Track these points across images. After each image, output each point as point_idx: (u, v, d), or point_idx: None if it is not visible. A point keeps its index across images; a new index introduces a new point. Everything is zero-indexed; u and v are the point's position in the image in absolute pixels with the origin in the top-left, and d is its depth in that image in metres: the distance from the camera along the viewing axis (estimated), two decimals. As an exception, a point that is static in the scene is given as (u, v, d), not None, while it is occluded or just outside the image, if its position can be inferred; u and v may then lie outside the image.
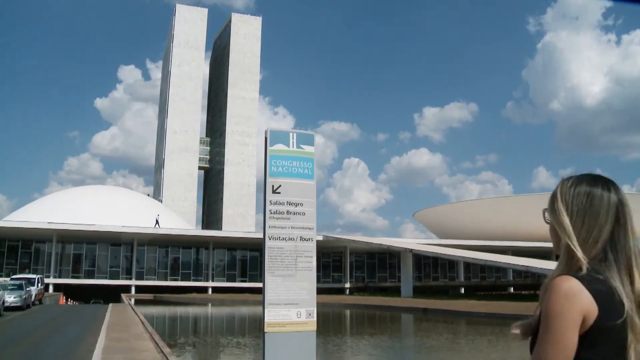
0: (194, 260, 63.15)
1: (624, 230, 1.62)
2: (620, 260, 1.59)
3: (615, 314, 1.52)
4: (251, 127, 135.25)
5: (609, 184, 1.70)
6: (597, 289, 1.54)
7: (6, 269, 54.56)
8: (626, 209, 1.65)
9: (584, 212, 1.64)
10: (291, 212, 5.00)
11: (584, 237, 1.63)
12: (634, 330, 1.53)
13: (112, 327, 18.32)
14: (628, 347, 1.52)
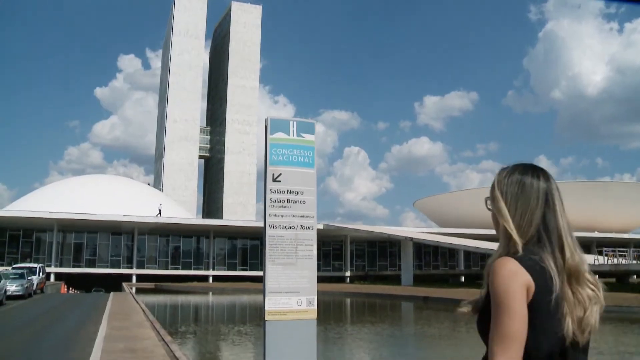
0: (194, 249, 63.31)
1: (554, 213, 1.80)
2: (553, 240, 1.76)
3: (549, 288, 1.68)
4: (251, 115, 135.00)
5: (539, 172, 1.86)
6: (532, 267, 1.70)
7: (8, 258, 54.72)
8: (555, 194, 1.82)
9: (517, 199, 1.82)
10: (292, 200, 4.99)
11: (518, 222, 1.79)
12: (568, 301, 1.70)
13: (114, 316, 18.38)
14: (565, 317, 1.69)
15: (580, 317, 1.72)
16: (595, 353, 13.34)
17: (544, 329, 1.68)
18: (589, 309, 1.73)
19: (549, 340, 1.69)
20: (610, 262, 37.41)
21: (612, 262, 37.28)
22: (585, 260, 1.80)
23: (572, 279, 1.74)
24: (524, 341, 1.65)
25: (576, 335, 1.70)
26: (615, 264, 36.93)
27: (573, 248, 1.77)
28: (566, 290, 1.72)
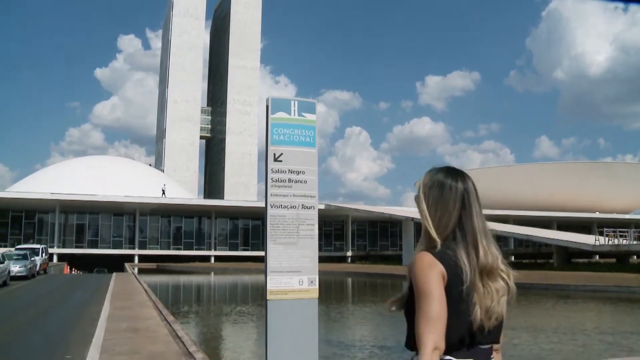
0: (196, 229, 63.48)
1: (469, 214, 1.98)
2: (467, 239, 1.96)
3: (460, 280, 1.89)
4: (252, 96, 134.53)
5: (458, 175, 2.05)
6: (446, 260, 1.90)
7: (10, 239, 54.93)
8: (471, 197, 2.01)
9: (437, 201, 2.01)
10: (293, 180, 4.98)
11: (437, 222, 1.99)
12: (478, 293, 1.90)
13: (116, 296, 18.49)
14: (474, 306, 1.89)
15: (489, 307, 1.91)
16: (598, 333, 13.43)
17: (454, 315, 1.86)
18: (496, 300, 1.93)
19: (459, 325, 1.88)
20: (611, 242, 37.45)
21: (613, 243, 37.32)
22: (499, 255, 2.00)
23: (484, 274, 1.94)
24: (446, 320, 1.84)
25: (483, 322, 1.90)
26: (616, 244, 36.99)
27: (487, 247, 1.96)
28: (477, 283, 1.92)
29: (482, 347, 1.95)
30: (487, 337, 1.96)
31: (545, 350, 10.55)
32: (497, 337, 2.01)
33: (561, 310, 18.45)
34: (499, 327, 1.99)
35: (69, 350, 8.92)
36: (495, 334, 1.99)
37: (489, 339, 1.97)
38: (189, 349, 8.60)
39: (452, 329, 1.86)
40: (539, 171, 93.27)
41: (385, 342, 12.18)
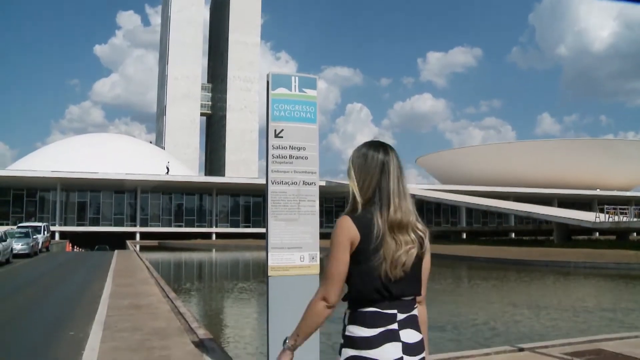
0: (197, 206, 63.61)
1: (387, 179, 2.27)
2: (383, 200, 2.24)
3: (373, 237, 2.16)
4: (253, 72, 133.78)
5: (380, 147, 2.35)
6: (362, 221, 2.19)
7: (12, 217, 55.08)
8: (390, 164, 2.29)
9: (361, 168, 2.30)
10: (294, 156, 4.95)
11: (360, 185, 2.28)
12: (388, 245, 2.17)
13: (118, 273, 18.57)
14: (385, 259, 2.16)
15: (394, 257, 2.16)
16: (600, 310, 13.48)
17: (370, 268, 2.15)
18: (402, 250, 2.18)
19: (372, 276, 2.16)
20: (611, 219, 37.48)
21: (613, 220, 37.34)
22: (412, 212, 2.30)
23: (394, 228, 2.21)
24: (342, 282, 2.19)
25: (389, 271, 2.15)
26: (616, 221, 37.01)
27: (398, 206, 2.24)
28: (387, 236, 2.18)
29: (405, 298, 2.22)
30: (405, 288, 2.21)
31: (547, 326, 10.60)
32: (416, 289, 2.27)
33: (562, 287, 18.53)
34: (413, 279, 2.23)
35: (72, 326, 8.97)
36: (413, 286, 2.25)
37: (407, 291, 2.23)
38: (190, 325, 8.64)
39: (369, 281, 2.16)
40: (540, 148, 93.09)
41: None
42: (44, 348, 7.50)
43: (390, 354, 2.12)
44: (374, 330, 2.14)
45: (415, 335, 2.20)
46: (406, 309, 2.21)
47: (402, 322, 2.18)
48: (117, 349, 7.00)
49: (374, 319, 2.16)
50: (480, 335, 9.68)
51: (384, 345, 2.13)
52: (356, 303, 2.20)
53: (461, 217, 72.14)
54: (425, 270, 2.31)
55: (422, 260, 2.28)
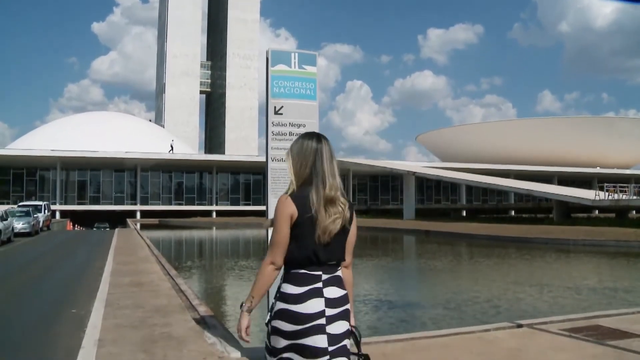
0: (197, 184, 63.66)
1: (321, 162, 2.72)
2: (318, 180, 2.69)
3: (308, 211, 2.64)
4: (252, 50, 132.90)
5: (314, 137, 2.83)
6: (299, 199, 2.67)
7: (13, 196, 55.14)
8: (323, 150, 2.75)
9: (298, 155, 2.77)
10: (293, 133, 4.92)
11: (297, 169, 2.75)
12: (321, 216, 2.65)
13: (119, 251, 18.63)
14: (317, 227, 2.64)
15: (326, 225, 2.65)
16: (599, 287, 13.54)
17: (304, 238, 2.65)
18: (331, 220, 2.67)
19: (307, 244, 2.65)
20: (611, 197, 37.50)
21: (613, 198, 37.36)
22: (339, 188, 2.74)
23: (328, 203, 2.68)
24: (285, 248, 2.67)
25: (321, 237, 2.65)
26: (616, 199, 37.02)
27: (332, 184, 2.70)
28: (321, 209, 2.66)
29: (330, 263, 2.71)
30: (330, 253, 2.71)
31: (550, 303, 10.65)
32: (341, 255, 2.77)
33: (562, 265, 18.60)
34: (338, 246, 2.74)
35: (74, 304, 9.02)
36: (337, 252, 2.74)
37: (332, 256, 2.72)
38: (191, 302, 8.69)
39: (302, 249, 2.66)
40: (540, 126, 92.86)
41: (389, 296, 12.32)
42: (46, 325, 7.55)
43: (313, 308, 2.60)
44: (302, 288, 2.64)
45: (337, 291, 2.70)
46: (330, 271, 2.72)
47: (326, 281, 2.68)
48: (119, 326, 7.04)
49: (302, 279, 2.66)
50: (483, 312, 9.74)
51: (309, 300, 2.61)
52: (290, 265, 2.70)
53: (461, 194, 72.24)
54: (350, 240, 2.82)
55: (347, 231, 2.78)
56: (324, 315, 2.60)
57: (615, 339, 6.02)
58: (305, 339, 2.55)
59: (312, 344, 2.55)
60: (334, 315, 2.63)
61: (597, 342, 5.94)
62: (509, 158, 78.16)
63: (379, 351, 5.63)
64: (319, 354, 2.56)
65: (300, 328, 2.56)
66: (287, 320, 2.58)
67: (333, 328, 2.61)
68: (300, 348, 2.55)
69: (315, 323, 2.58)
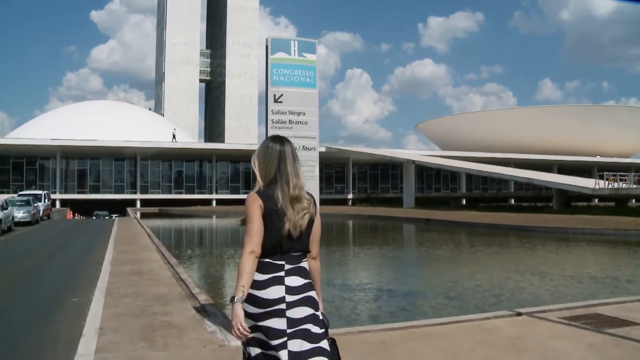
0: (197, 173, 63.63)
1: (284, 164, 2.97)
2: (283, 180, 2.95)
3: (274, 206, 2.89)
4: (252, 38, 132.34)
5: (278, 140, 3.07)
6: (265, 196, 2.92)
7: (13, 185, 55.12)
8: (286, 153, 3.00)
9: (263, 157, 3.02)
10: (293, 121, 4.91)
11: (263, 171, 3.00)
12: (288, 212, 2.90)
13: (119, 240, 18.67)
14: (286, 221, 2.89)
15: (295, 221, 2.90)
16: (603, 276, 13.57)
17: (270, 230, 2.88)
18: (299, 216, 2.92)
19: (273, 236, 2.88)
20: (611, 186, 37.46)
21: (613, 187, 37.33)
22: (303, 187, 2.99)
23: (293, 200, 2.93)
24: (261, 237, 2.87)
25: (291, 231, 2.90)
26: (616, 188, 37.00)
27: (295, 183, 2.95)
28: (288, 206, 2.91)
29: (293, 254, 2.95)
30: (296, 245, 2.95)
31: (553, 292, 10.67)
32: (305, 246, 3.00)
33: (563, 253, 18.62)
34: (305, 238, 2.98)
35: (75, 293, 9.05)
36: (301, 244, 2.98)
37: (297, 247, 2.96)
38: (192, 291, 8.71)
39: (268, 239, 2.88)
40: (541, 114, 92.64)
41: (389, 285, 12.34)
42: (47, 314, 7.57)
43: (274, 294, 2.86)
44: (265, 275, 2.89)
45: (299, 280, 2.92)
46: (294, 262, 2.94)
47: (288, 271, 2.91)
48: (119, 314, 7.07)
49: (267, 267, 2.90)
50: (483, 301, 9.76)
51: (270, 287, 2.87)
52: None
53: (461, 183, 72.22)
54: (315, 232, 3.06)
55: (312, 224, 3.02)
56: (284, 301, 2.86)
57: (614, 327, 6.04)
58: (267, 321, 2.84)
59: (273, 325, 2.83)
60: (294, 302, 2.87)
61: (596, 330, 5.96)
62: (509, 146, 78.02)
63: (377, 339, 5.65)
64: (279, 335, 2.83)
65: (263, 311, 2.85)
66: (252, 304, 2.86)
67: (293, 313, 2.86)
68: (264, 329, 2.84)
69: (276, 308, 2.85)
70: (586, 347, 5.29)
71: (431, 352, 5.16)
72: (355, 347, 5.33)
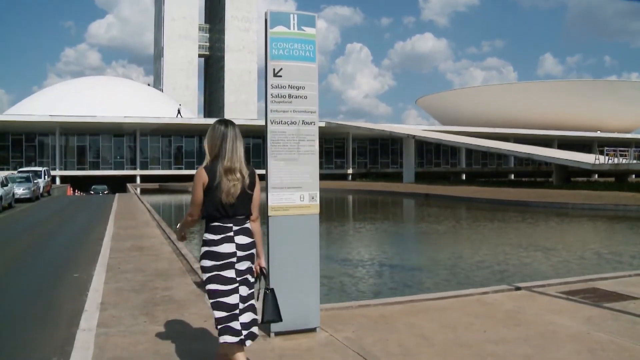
0: (197, 148, 63.49)
1: (225, 143, 3.57)
2: (222, 156, 3.55)
3: (215, 179, 3.50)
4: (251, 12, 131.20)
5: (224, 123, 3.68)
6: (210, 170, 3.53)
7: (12, 162, 55.05)
8: (228, 134, 3.60)
9: (211, 137, 3.63)
10: (293, 95, 4.88)
11: (211, 148, 3.62)
12: (224, 183, 3.51)
13: (120, 216, 18.72)
14: (222, 191, 3.50)
15: (228, 189, 3.52)
16: (608, 252, 13.63)
17: (213, 198, 3.52)
18: (231, 185, 3.53)
19: (215, 202, 3.53)
20: (611, 161, 37.43)
21: (613, 162, 37.29)
22: (240, 162, 3.59)
23: (227, 172, 3.54)
24: (200, 205, 3.59)
25: (226, 198, 3.52)
26: (616, 163, 36.96)
27: (230, 158, 3.56)
28: (223, 178, 3.52)
29: (238, 217, 3.62)
30: (237, 210, 3.60)
31: (558, 267, 10.72)
32: (246, 210, 3.67)
33: (563, 229, 18.67)
34: (243, 204, 3.63)
35: (76, 268, 9.09)
36: (243, 208, 3.64)
37: (240, 212, 3.63)
38: (192, 266, 8.75)
39: (211, 206, 3.55)
40: (541, 89, 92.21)
41: (391, 260, 12.39)
42: (49, 290, 7.62)
43: (227, 249, 3.55)
44: (218, 235, 3.57)
45: (245, 239, 3.63)
46: (240, 224, 3.62)
47: (236, 231, 3.59)
48: (120, 289, 7.11)
49: (218, 229, 3.58)
50: (483, 276, 9.82)
51: (223, 244, 3.55)
52: (208, 219, 3.61)
53: (461, 158, 72.17)
54: (255, 199, 3.71)
55: (251, 193, 3.66)
56: (235, 255, 3.57)
57: (612, 301, 6.08)
58: (221, 272, 3.55)
59: (225, 274, 3.55)
60: (242, 257, 3.60)
61: (593, 304, 6.00)
62: (509, 121, 77.82)
63: (377, 313, 5.69)
64: (229, 282, 3.55)
65: (218, 264, 3.55)
66: (210, 259, 3.56)
67: (240, 265, 3.59)
68: (219, 277, 3.54)
69: (228, 261, 3.56)
70: (584, 320, 5.33)
71: (430, 326, 5.21)
72: (355, 321, 5.37)
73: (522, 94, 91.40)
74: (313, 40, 4.88)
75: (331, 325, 5.21)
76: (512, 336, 4.87)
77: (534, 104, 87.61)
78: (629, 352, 4.46)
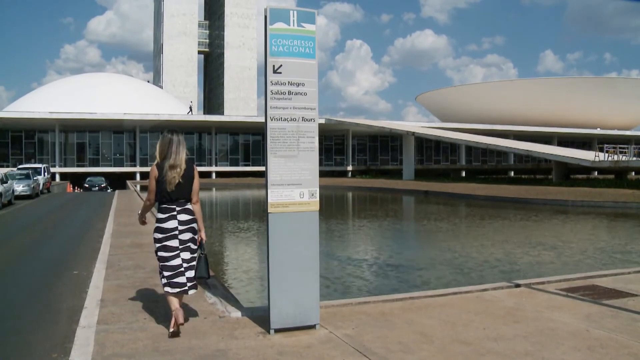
0: (197, 145, 63.46)
1: (171, 147, 4.97)
2: (168, 156, 4.95)
3: (163, 173, 4.93)
4: (250, 9, 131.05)
5: (171, 132, 5.06)
6: (159, 167, 4.97)
7: (12, 159, 55.02)
8: (173, 140, 5.01)
9: (161, 142, 5.04)
10: (292, 92, 4.88)
11: (160, 150, 5.01)
12: (168, 176, 4.92)
13: (120, 213, 18.71)
14: (166, 182, 4.92)
15: (170, 180, 4.90)
16: (612, 251, 13.63)
17: (161, 187, 4.92)
18: (172, 177, 4.89)
19: (163, 191, 4.91)
20: (611, 158, 37.41)
21: (612, 159, 37.27)
22: (181, 160, 4.97)
23: (171, 168, 4.89)
24: (154, 191, 4.99)
25: (167, 187, 4.90)
26: (615, 160, 36.94)
27: (173, 158, 4.94)
28: (168, 172, 4.88)
29: (180, 200, 4.98)
30: (181, 195, 4.98)
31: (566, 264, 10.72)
32: (186, 195, 5.03)
33: (567, 226, 18.65)
34: (183, 191, 4.98)
35: (76, 265, 9.09)
36: (184, 194, 5.00)
37: (182, 196, 4.99)
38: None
39: (160, 192, 4.91)
40: (541, 86, 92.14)
41: (390, 259, 12.39)
42: (49, 286, 7.62)
43: (170, 225, 4.96)
44: (165, 214, 4.97)
45: (186, 216, 5.01)
46: (181, 205, 5.00)
47: (179, 211, 4.98)
48: (120, 286, 7.12)
49: (165, 209, 4.97)
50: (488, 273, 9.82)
51: (168, 221, 4.96)
52: (159, 202, 4.98)
53: (460, 155, 72.17)
54: (194, 187, 5.06)
55: (191, 183, 5.03)
56: (177, 229, 4.98)
57: (611, 298, 6.09)
58: (167, 242, 4.97)
59: (170, 244, 4.97)
60: (183, 230, 4.99)
61: (593, 301, 6.01)
62: (509, 118, 77.81)
63: (377, 310, 5.70)
64: (174, 250, 4.97)
65: (164, 235, 4.98)
66: (158, 232, 4.99)
67: (182, 236, 4.99)
68: (166, 246, 4.97)
69: (172, 233, 4.98)
70: (583, 317, 5.34)
71: (430, 322, 5.21)
72: (355, 318, 5.38)
73: (522, 91, 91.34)
74: (313, 36, 4.88)
75: (331, 322, 5.22)
76: (512, 333, 4.88)
77: (534, 101, 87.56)
78: (628, 349, 4.47)
